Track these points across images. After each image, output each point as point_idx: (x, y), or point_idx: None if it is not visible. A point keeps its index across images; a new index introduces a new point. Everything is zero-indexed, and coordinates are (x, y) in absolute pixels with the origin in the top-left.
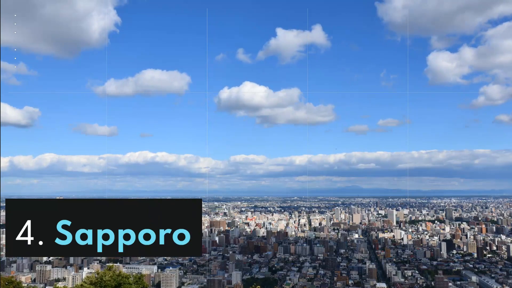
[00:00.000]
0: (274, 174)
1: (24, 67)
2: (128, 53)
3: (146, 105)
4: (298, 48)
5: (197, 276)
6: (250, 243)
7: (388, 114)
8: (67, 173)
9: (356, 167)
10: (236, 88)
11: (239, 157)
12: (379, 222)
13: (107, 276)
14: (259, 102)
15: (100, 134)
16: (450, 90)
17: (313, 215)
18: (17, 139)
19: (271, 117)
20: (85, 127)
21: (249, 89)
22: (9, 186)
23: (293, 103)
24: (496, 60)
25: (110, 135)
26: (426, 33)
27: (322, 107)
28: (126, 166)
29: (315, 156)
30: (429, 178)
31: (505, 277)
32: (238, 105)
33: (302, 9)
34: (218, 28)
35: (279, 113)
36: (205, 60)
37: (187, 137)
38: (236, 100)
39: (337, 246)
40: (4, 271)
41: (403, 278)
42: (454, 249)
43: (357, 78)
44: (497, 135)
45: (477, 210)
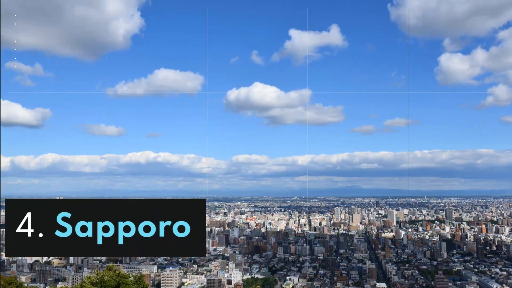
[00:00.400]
0: (276, 174)
1: (40, 68)
2: (146, 54)
3: (157, 105)
4: (310, 49)
5: (197, 276)
6: (250, 243)
7: (396, 114)
8: (69, 173)
9: (359, 167)
10: (245, 89)
11: (241, 157)
12: (379, 222)
13: (107, 276)
14: (268, 103)
15: (108, 135)
16: (459, 90)
17: (313, 215)
18: (27, 140)
19: (278, 118)
20: (92, 127)
21: (259, 90)
22: (9, 186)
23: (302, 104)
24: (508, 61)
25: (117, 135)
26: (438, 35)
27: (331, 108)
28: (127, 166)
29: (317, 156)
30: (430, 178)
31: (505, 277)
32: (246, 105)
33: (316, 10)
34: (233, 29)
35: (287, 113)
36: (219, 60)
37: (194, 137)
38: (245, 101)
39: (337, 246)
40: (4, 271)
41: (403, 278)
42: (454, 249)
43: (369, 79)
44: (503, 135)
45: (477, 210)
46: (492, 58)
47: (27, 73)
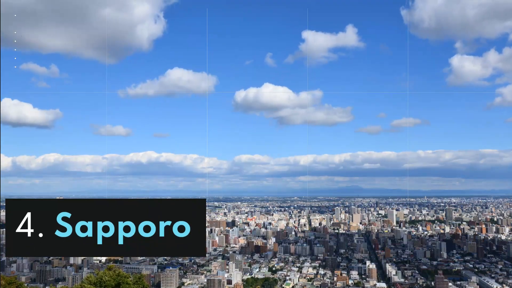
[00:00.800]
0: (278, 174)
1: (56, 70)
2: (161, 55)
3: (168, 106)
4: (322, 50)
5: (197, 276)
6: (250, 243)
7: (404, 114)
8: (70, 173)
9: (362, 167)
10: (255, 89)
11: (244, 157)
12: (379, 222)
13: (107, 276)
14: (277, 103)
15: (115, 135)
16: (468, 90)
17: (313, 215)
18: (37, 140)
19: (286, 118)
20: (100, 128)
21: (270, 90)
22: (10, 186)
23: (311, 104)
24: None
25: (125, 135)
26: (450, 37)
27: (340, 109)
28: (129, 166)
29: (320, 156)
30: (431, 178)
31: (505, 277)
32: (255, 106)
33: (331, 11)
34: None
35: (295, 114)
36: (232, 62)
37: (203, 138)
38: (254, 101)
39: (337, 246)
40: (4, 271)
41: (403, 278)
42: (454, 249)
43: (379, 79)
44: (508, 135)
45: (477, 210)
46: (504, 59)
47: (42, 75)
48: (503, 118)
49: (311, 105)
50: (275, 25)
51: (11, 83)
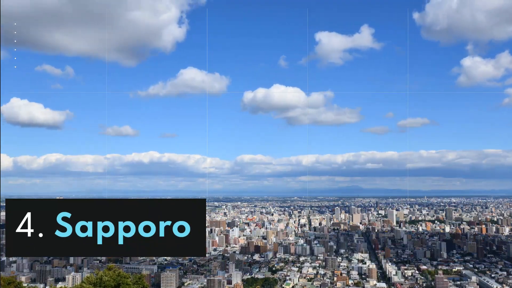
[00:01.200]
0: (279, 174)
1: (71, 71)
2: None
3: (178, 106)
4: (333, 51)
5: (197, 276)
6: (250, 243)
7: (411, 114)
8: (71, 173)
9: (365, 167)
10: (263, 90)
11: (246, 157)
12: (379, 222)
13: (107, 276)
14: (286, 104)
15: (125, 135)
16: (477, 91)
17: (313, 215)
18: (45, 141)
19: (294, 119)
20: (109, 128)
21: (281, 91)
22: (10, 186)
23: (322, 105)
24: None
25: (133, 135)
26: (461, 39)
27: (348, 109)
28: (130, 166)
29: (322, 156)
30: (432, 178)
31: (505, 277)
32: (263, 106)
33: (345, 11)
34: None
35: (303, 115)
36: (246, 63)
37: (210, 138)
38: (263, 101)
39: (337, 246)
40: (4, 271)
41: (403, 278)
42: (454, 249)
43: (387, 79)
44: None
45: (477, 210)
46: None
47: (57, 76)
48: (509, 118)
49: (322, 106)
50: (281, 27)
51: (26, 85)
